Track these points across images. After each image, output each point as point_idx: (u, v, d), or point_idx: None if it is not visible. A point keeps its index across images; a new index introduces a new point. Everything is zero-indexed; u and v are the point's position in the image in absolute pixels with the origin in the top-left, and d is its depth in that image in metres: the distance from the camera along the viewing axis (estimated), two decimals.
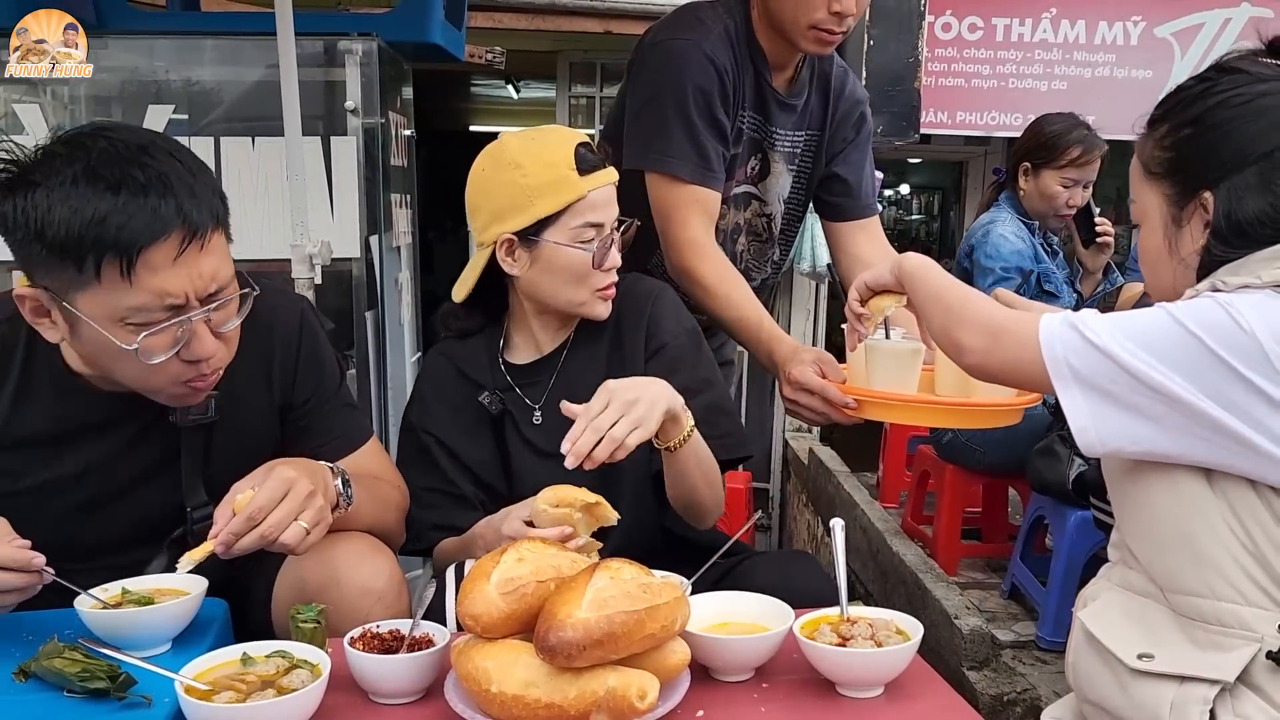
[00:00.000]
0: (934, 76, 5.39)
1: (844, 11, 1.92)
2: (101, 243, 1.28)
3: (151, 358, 1.36)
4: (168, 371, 1.40)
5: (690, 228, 2.00)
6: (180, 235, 1.32)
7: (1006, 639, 2.94)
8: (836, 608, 1.38)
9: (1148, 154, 1.35)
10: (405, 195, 3.27)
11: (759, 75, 2.10)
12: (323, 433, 1.67)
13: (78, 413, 1.51)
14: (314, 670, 1.22)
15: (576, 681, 1.14)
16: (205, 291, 1.37)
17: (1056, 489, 2.89)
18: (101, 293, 1.31)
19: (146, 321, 1.34)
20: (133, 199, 1.29)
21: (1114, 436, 1.21)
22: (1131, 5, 5.47)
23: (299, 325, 1.67)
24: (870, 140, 2.32)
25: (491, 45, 4.94)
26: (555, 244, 1.68)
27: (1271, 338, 1.12)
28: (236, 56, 2.82)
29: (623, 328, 1.83)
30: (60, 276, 1.32)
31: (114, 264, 1.29)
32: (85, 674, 1.21)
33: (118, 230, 1.28)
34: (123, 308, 1.32)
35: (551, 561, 1.25)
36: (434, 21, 2.97)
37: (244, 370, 1.58)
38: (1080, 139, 3.23)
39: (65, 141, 1.34)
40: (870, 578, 3.65)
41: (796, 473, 5.19)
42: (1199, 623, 1.21)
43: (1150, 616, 1.27)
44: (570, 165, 1.65)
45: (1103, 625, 1.30)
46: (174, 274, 1.32)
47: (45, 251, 1.30)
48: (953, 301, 1.41)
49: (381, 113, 2.84)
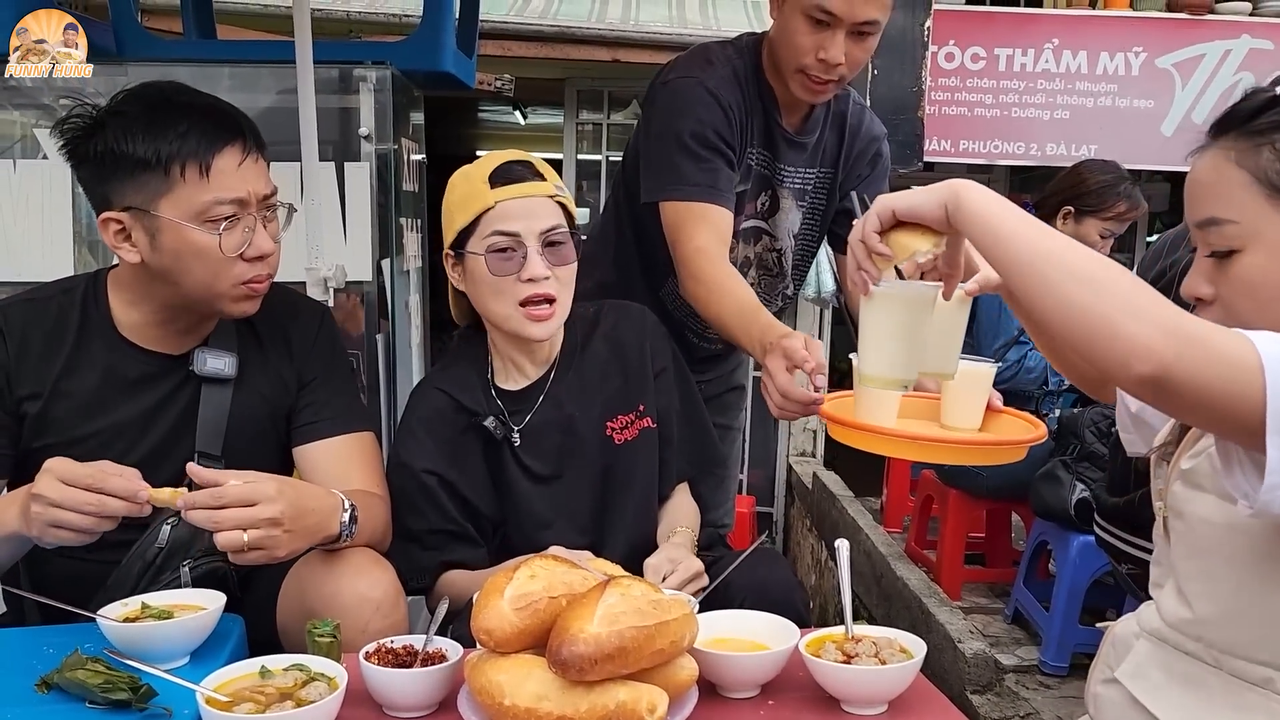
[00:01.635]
0: (937, 106, 5.44)
1: (830, 60, 1.94)
2: (184, 150, 1.56)
3: (229, 250, 1.59)
4: (234, 271, 1.62)
5: (698, 237, 1.96)
6: (241, 146, 1.61)
7: (1010, 663, 2.96)
8: (841, 626, 1.41)
9: (1262, 169, 1.11)
10: (416, 219, 3.32)
11: (768, 115, 2.14)
12: (322, 407, 1.79)
13: (121, 368, 1.69)
14: (331, 683, 1.25)
15: (588, 695, 1.17)
16: (261, 194, 1.64)
17: (1059, 514, 2.91)
18: (185, 193, 1.57)
19: (222, 215, 1.58)
20: (201, 118, 1.59)
21: None
22: (1133, 37, 5.54)
23: (320, 316, 1.87)
24: (887, 175, 2.32)
25: (501, 73, 5.01)
26: (472, 254, 1.71)
27: None
28: (252, 84, 2.86)
29: (619, 350, 1.86)
30: (146, 188, 1.57)
31: (194, 166, 1.56)
32: (108, 685, 1.24)
33: (196, 140, 1.57)
34: (201, 203, 1.57)
35: (563, 578, 1.29)
36: (446, 50, 3.01)
37: (270, 339, 1.79)
38: (1128, 194, 3.26)
39: (128, 92, 1.64)
40: (874, 602, 3.66)
41: (800, 497, 5.21)
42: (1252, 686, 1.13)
43: (1197, 677, 1.18)
44: (484, 179, 1.71)
45: (1146, 689, 1.22)
46: (239, 176, 1.60)
47: (132, 169, 1.56)
48: (1094, 271, 1.02)
49: (394, 139, 2.88)
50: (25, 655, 1.37)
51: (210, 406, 1.71)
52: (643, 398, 1.85)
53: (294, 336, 1.81)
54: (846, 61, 1.97)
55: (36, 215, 2.68)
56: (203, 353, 1.71)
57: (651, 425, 1.84)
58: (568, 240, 1.72)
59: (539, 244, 1.68)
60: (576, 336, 1.87)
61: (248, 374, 1.75)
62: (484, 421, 1.77)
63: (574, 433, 1.78)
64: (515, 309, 1.70)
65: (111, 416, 1.67)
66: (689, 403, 1.92)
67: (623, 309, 1.93)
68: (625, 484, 1.81)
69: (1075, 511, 2.83)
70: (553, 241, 1.70)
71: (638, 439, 1.83)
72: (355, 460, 1.77)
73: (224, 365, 1.72)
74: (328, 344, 1.84)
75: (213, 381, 1.72)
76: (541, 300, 1.70)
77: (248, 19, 4.84)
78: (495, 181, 1.70)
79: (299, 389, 1.80)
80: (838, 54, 1.95)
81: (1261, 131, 1.12)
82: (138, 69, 2.82)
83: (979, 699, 2.72)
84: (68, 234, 2.74)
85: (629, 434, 1.82)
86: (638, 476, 1.82)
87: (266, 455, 1.75)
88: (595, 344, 1.85)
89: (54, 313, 1.69)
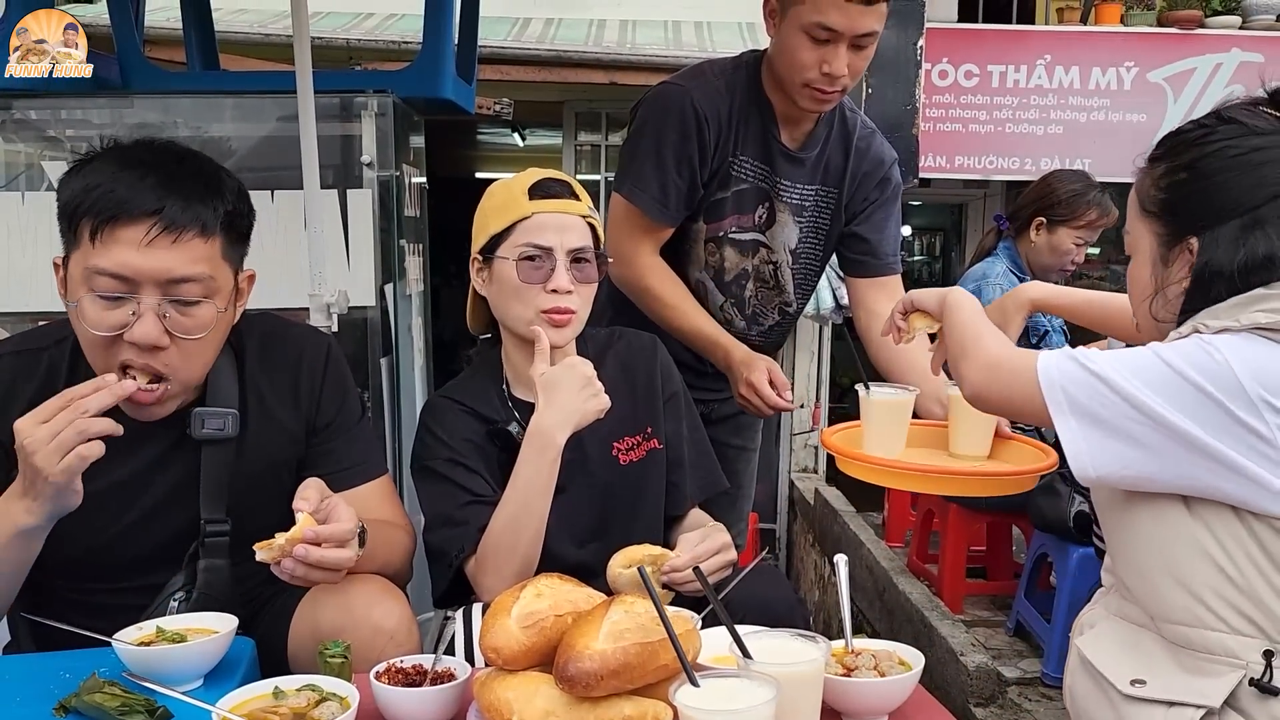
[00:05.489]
0: (932, 122, 5.50)
1: (834, 73, 2.01)
2: (84, 207, 1.46)
3: (95, 325, 1.47)
4: (116, 352, 1.49)
5: (644, 253, 2.22)
6: (150, 223, 1.46)
7: (1012, 676, 2.97)
8: (841, 640, 1.43)
9: (1144, 191, 1.40)
10: (417, 244, 3.36)
11: (765, 128, 2.19)
12: (341, 458, 1.74)
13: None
14: (343, 703, 1.27)
15: (594, 711, 1.19)
16: (163, 279, 1.47)
17: (1058, 526, 2.93)
18: (79, 254, 1.48)
19: (105, 288, 1.46)
20: (129, 178, 1.46)
21: (1107, 464, 1.27)
22: (1124, 51, 5.60)
23: (325, 354, 1.77)
24: (898, 200, 2.37)
25: (500, 96, 5.06)
26: (502, 259, 1.76)
27: (1246, 372, 1.21)
28: (255, 113, 2.91)
29: (630, 374, 1.90)
30: (65, 239, 1.51)
31: (88, 225, 1.46)
32: (125, 708, 1.26)
33: (100, 198, 1.45)
34: (88, 269, 1.46)
35: (569, 597, 1.32)
36: (446, 77, 3.06)
37: (272, 391, 1.69)
38: (1098, 202, 3.33)
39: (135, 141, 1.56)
40: (877, 616, 3.68)
41: (803, 513, 5.23)
42: (1188, 650, 1.27)
43: (1143, 644, 1.33)
44: (524, 191, 1.76)
45: (1098, 652, 1.36)
46: (137, 254, 1.45)
47: (59, 216, 1.50)
48: (968, 337, 1.52)
49: (395, 165, 2.93)
50: (43, 680, 1.39)
51: (213, 467, 1.64)
52: (651, 421, 1.88)
53: (300, 381, 1.72)
54: (849, 72, 2.03)
55: (45, 247, 2.72)
56: (200, 413, 1.61)
57: (659, 447, 1.87)
58: (593, 260, 1.78)
59: (567, 259, 1.74)
60: (589, 355, 1.90)
61: (251, 430, 1.66)
62: (507, 427, 1.80)
63: (580, 448, 1.81)
64: (536, 315, 1.75)
65: (106, 475, 1.53)
66: (696, 431, 1.97)
67: (635, 335, 1.98)
68: (629, 502, 1.84)
69: (1074, 524, 2.86)
70: (580, 259, 1.76)
71: (645, 459, 1.86)
72: (374, 508, 1.72)
73: (223, 425, 1.63)
74: (337, 385, 1.76)
75: (213, 442, 1.63)
76: (562, 310, 1.75)
77: (249, 48, 4.90)
78: (534, 194, 1.75)
79: (309, 435, 1.73)
80: (841, 66, 2.01)
81: (1150, 160, 1.41)
82: (143, 101, 2.88)
83: (982, 711, 2.73)
84: None
85: (635, 455, 1.85)
86: (644, 496, 1.85)
87: (273, 509, 1.58)
88: (607, 364, 1.88)
89: (44, 366, 1.61)
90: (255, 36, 5.00)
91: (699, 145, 2.14)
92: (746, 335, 2.31)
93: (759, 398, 2.08)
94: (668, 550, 1.59)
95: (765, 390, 2.07)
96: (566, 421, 1.65)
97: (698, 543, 1.61)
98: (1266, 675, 1.22)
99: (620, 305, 2.28)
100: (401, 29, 5.37)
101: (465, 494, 1.74)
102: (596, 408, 1.67)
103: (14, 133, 2.87)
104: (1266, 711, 1.22)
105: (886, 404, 1.87)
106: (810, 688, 1.23)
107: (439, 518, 1.74)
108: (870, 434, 1.89)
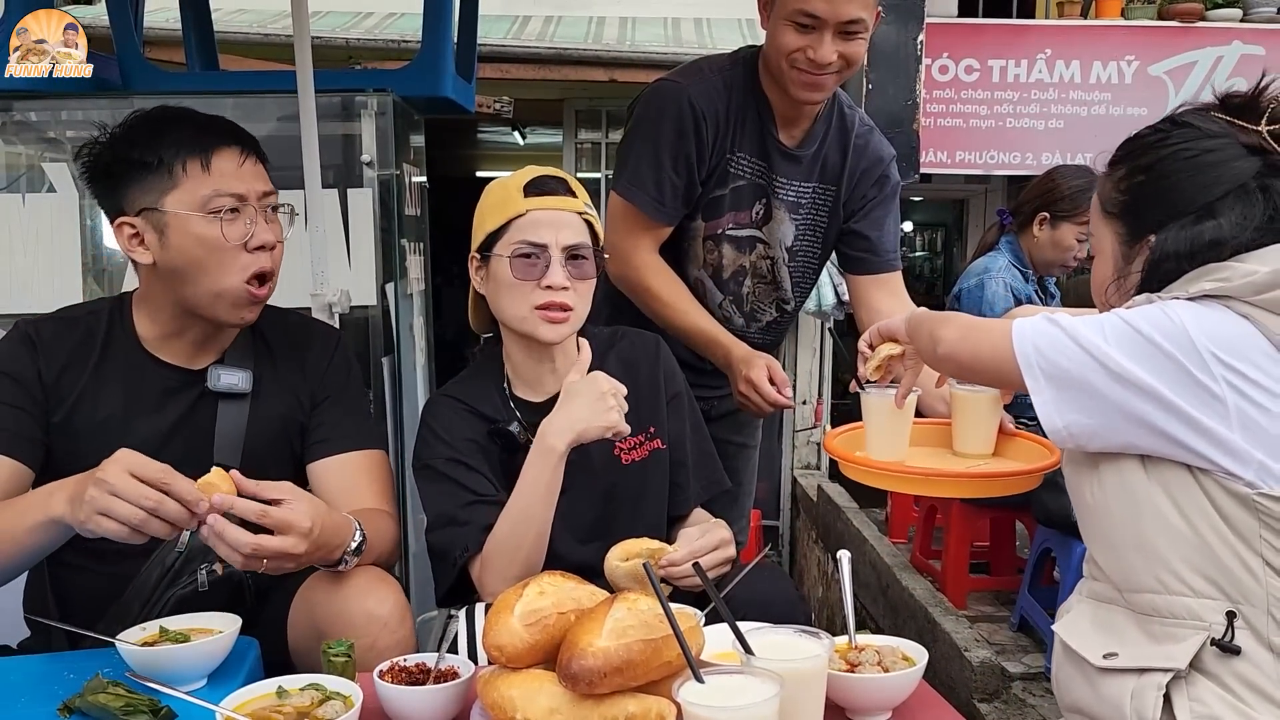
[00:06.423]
0: (932, 118, 5.49)
1: (819, 60, 2.02)
2: (183, 149, 1.68)
3: (228, 239, 1.68)
4: (239, 262, 1.70)
5: (643, 252, 2.24)
6: (238, 148, 1.73)
7: (1016, 671, 2.97)
8: (845, 636, 1.43)
9: (1105, 193, 1.47)
10: (418, 243, 3.35)
11: (762, 125, 2.19)
12: (334, 426, 1.84)
13: (142, 383, 1.76)
14: (347, 701, 1.27)
15: (598, 708, 1.19)
16: (260, 191, 1.74)
17: (1061, 521, 2.93)
18: (188, 186, 1.68)
19: (223, 206, 1.68)
20: (198, 125, 1.72)
21: (1075, 417, 1.33)
22: (1125, 45, 5.59)
23: (336, 340, 1.94)
24: (896, 197, 2.38)
25: (500, 95, 5.06)
26: (498, 256, 1.76)
27: (1199, 331, 1.28)
28: (255, 113, 2.89)
29: (632, 373, 1.90)
30: (153, 189, 1.68)
31: (195, 161, 1.68)
32: (129, 708, 1.26)
33: (194, 140, 1.70)
34: (203, 195, 1.67)
35: (572, 594, 1.31)
36: (446, 76, 3.06)
37: (285, 361, 1.86)
38: None
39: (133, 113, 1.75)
40: (881, 612, 3.68)
41: (806, 510, 5.23)
42: (1154, 617, 1.33)
43: (1114, 620, 1.38)
44: (519, 188, 1.76)
45: (1074, 633, 1.42)
46: (237, 174, 1.71)
47: (139, 173, 1.68)
48: (938, 316, 1.60)
49: (395, 164, 2.92)
50: (47, 681, 1.40)
51: (227, 421, 1.77)
52: (654, 421, 1.88)
53: (309, 357, 1.87)
54: (840, 58, 2.03)
55: (45, 248, 2.72)
56: (217, 369, 1.77)
57: (662, 447, 1.87)
58: (590, 257, 1.77)
59: (563, 255, 1.74)
60: (592, 354, 1.90)
61: (263, 389, 1.81)
62: (509, 427, 1.80)
63: (582, 447, 1.81)
64: (531, 311, 1.74)
65: (133, 431, 1.70)
66: (699, 431, 1.96)
67: (638, 335, 1.97)
68: (632, 502, 1.84)
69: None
70: (576, 255, 1.75)
71: (647, 459, 1.85)
72: (365, 477, 1.81)
73: (239, 380, 1.78)
74: (342, 365, 1.90)
75: (228, 397, 1.78)
76: (557, 307, 1.74)
77: (249, 48, 4.90)
78: (530, 191, 1.75)
79: (312, 407, 1.85)
80: (826, 54, 2.01)
81: (1110, 164, 1.48)
82: (143, 101, 2.86)
83: (986, 707, 2.74)
84: (76, 266, 2.78)
85: (637, 454, 1.85)
86: (646, 495, 1.85)
87: (283, 468, 1.77)
88: (610, 364, 1.88)
89: (81, 329, 1.77)
90: (255, 36, 5.01)
91: (697, 143, 2.15)
92: (745, 332, 2.31)
93: (758, 395, 2.08)
94: (666, 544, 1.59)
95: (765, 387, 2.07)
96: (569, 430, 1.65)
97: (697, 538, 1.61)
98: (1228, 635, 1.27)
99: (617, 303, 2.28)
100: (401, 28, 5.38)
101: (467, 493, 1.74)
102: (604, 424, 1.66)
103: (14, 134, 2.87)
104: (1230, 669, 1.28)
105: (888, 404, 1.87)
106: (814, 684, 1.23)
107: (441, 517, 1.74)
108: (873, 434, 1.89)
